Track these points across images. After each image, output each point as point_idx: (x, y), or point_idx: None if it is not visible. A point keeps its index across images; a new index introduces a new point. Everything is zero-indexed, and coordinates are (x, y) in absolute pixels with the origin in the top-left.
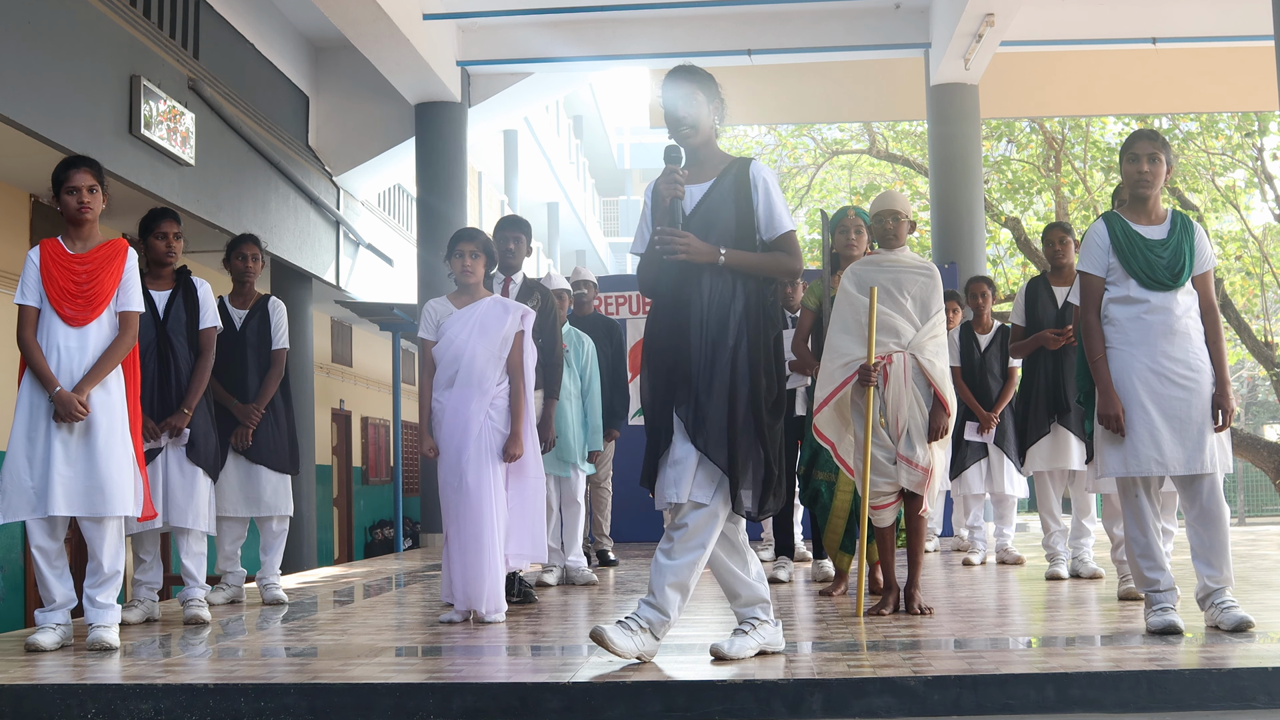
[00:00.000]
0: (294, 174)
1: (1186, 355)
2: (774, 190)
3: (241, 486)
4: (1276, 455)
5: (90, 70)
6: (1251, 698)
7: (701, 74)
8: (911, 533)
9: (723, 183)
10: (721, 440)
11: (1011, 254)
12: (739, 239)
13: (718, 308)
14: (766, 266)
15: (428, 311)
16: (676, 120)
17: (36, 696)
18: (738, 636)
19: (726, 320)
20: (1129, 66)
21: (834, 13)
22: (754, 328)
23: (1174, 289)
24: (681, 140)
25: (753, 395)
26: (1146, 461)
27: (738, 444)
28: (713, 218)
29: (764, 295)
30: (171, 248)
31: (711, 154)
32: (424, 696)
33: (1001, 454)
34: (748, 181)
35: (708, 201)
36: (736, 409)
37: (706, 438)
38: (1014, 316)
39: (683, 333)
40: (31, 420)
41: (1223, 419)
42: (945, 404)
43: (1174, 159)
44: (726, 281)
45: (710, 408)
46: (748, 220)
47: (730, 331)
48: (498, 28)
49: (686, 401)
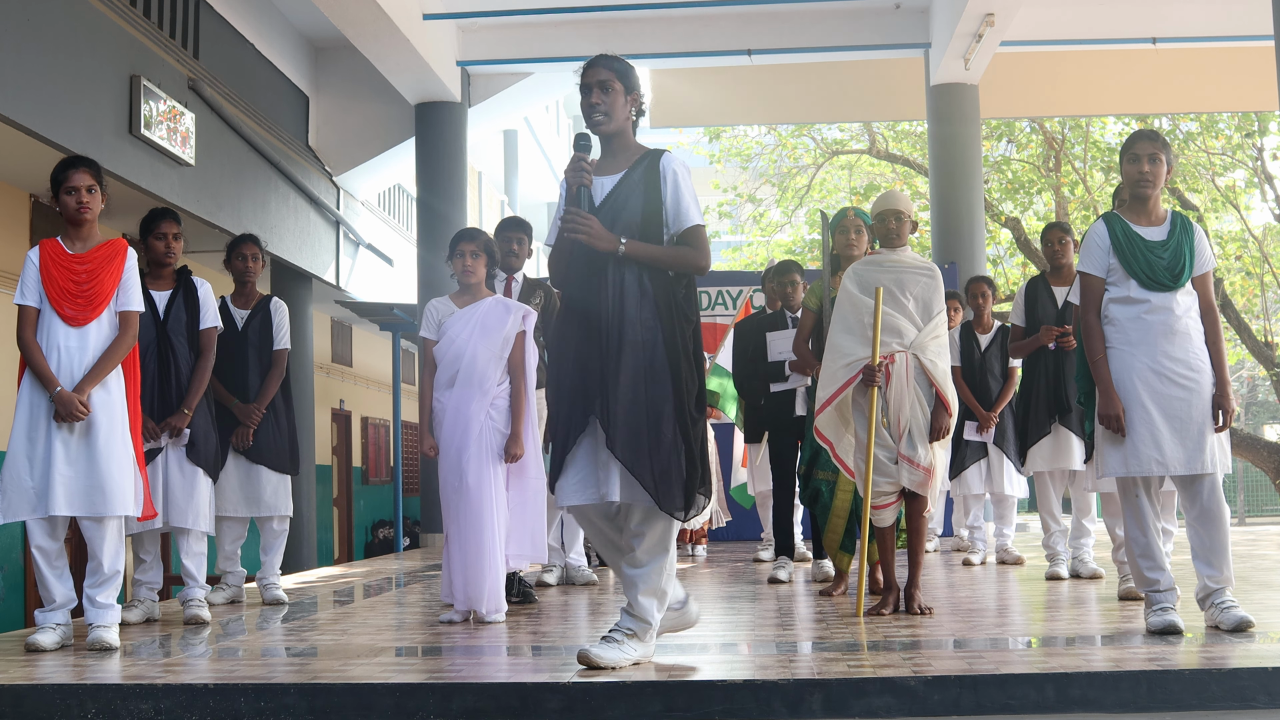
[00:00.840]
0: (294, 174)
1: (1187, 355)
2: (684, 183)
3: (242, 486)
4: (1276, 455)
5: (90, 70)
6: (1251, 698)
7: (621, 63)
8: (912, 533)
9: (633, 174)
10: (638, 442)
11: (1011, 254)
12: (645, 231)
13: (625, 303)
14: (671, 260)
15: (429, 311)
16: (589, 107)
17: (36, 696)
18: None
19: (637, 316)
20: (1129, 66)
21: (834, 13)
22: (667, 323)
23: (1174, 289)
24: (593, 128)
25: (676, 393)
26: (1147, 461)
27: (657, 445)
28: (620, 208)
29: (673, 290)
30: (171, 248)
31: (625, 145)
32: (424, 696)
33: (1001, 454)
34: (657, 173)
35: (617, 192)
36: (654, 409)
37: (619, 439)
38: (1013, 316)
39: (593, 328)
40: (32, 420)
41: (1223, 419)
42: (947, 404)
43: (1174, 159)
44: (633, 275)
45: (625, 408)
46: (655, 213)
47: (642, 327)
48: (498, 28)
49: (599, 398)
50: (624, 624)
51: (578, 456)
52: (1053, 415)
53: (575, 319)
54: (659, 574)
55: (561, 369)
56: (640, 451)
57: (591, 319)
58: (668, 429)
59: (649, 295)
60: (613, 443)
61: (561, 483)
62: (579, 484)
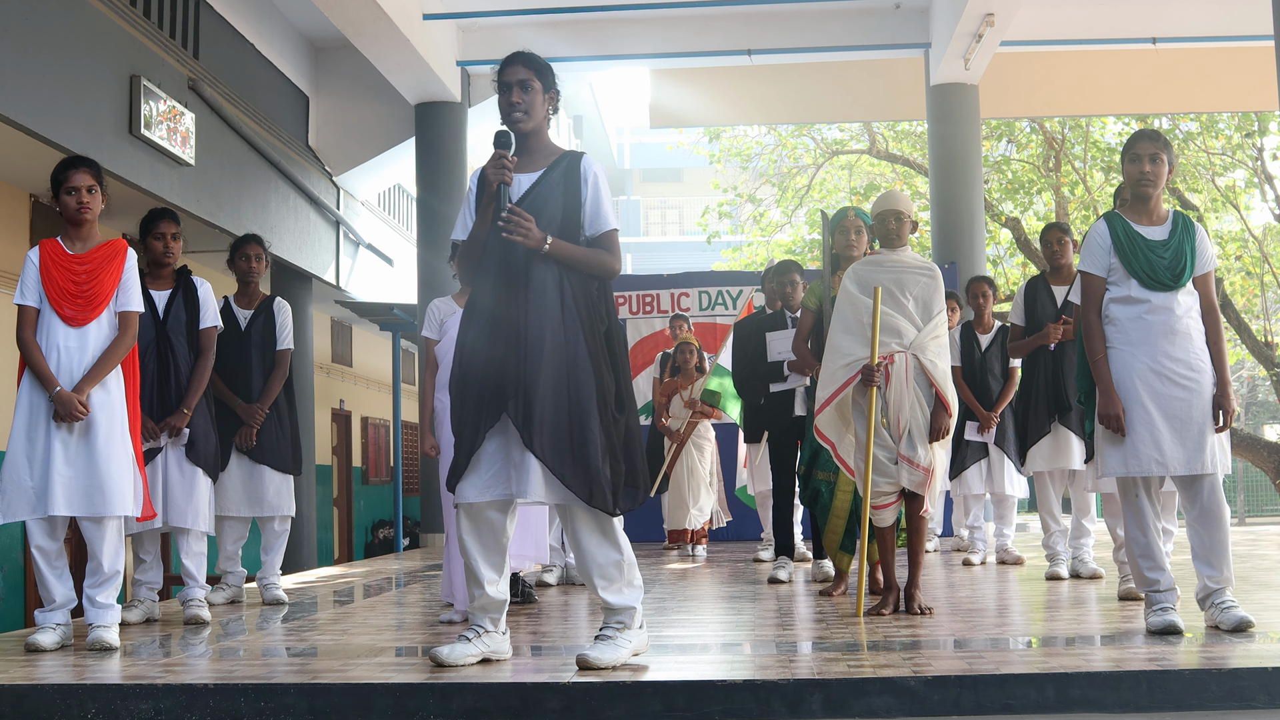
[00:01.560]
0: (294, 174)
1: (1187, 355)
2: (603, 187)
3: (244, 486)
4: (1276, 455)
5: (90, 70)
6: (1251, 698)
7: (539, 61)
8: (912, 533)
9: (552, 174)
10: (565, 440)
11: (1011, 254)
12: (564, 232)
13: (545, 300)
14: (588, 261)
15: (431, 311)
16: (509, 105)
17: (36, 696)
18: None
19: (558, 316)
20: (1129, 66)
21: (834, 13)
22: (587, 324)
23: (1175, 289)
24: (512, 125)
25: (599, 391)
26: (1147, 462)
27: (583, 445)
28: (540, 207)
29: (589, 290)
30: (170, 248)
31: (542, 144)
32: (424, 696)
33: (1002, 454)
34: (578, 175)
35: (536, 191)
36: (578, 409)
37: (542, 439)
38: (1013, 316)
39: (508, 324)
40: (31, 420)
41: (1223, 419)
42: (947, 404)
43: (1175, 159)
44: (552, 273)
45: (546, 407)
46: (574, 214)
47: (562, 327)
48: (498, 28)
49: (514, 397)
50: (610, 620)
51: (487, 454)
52: (1052, 415)
53: (485, 317)
54: (618, 569)
55: (469, 367)
56: (565, 452)
57: (506, 318)
58: (593, 429)
59: (568, 295)
60: (533, 443)
61: (469, 479)
62: (489, 481)
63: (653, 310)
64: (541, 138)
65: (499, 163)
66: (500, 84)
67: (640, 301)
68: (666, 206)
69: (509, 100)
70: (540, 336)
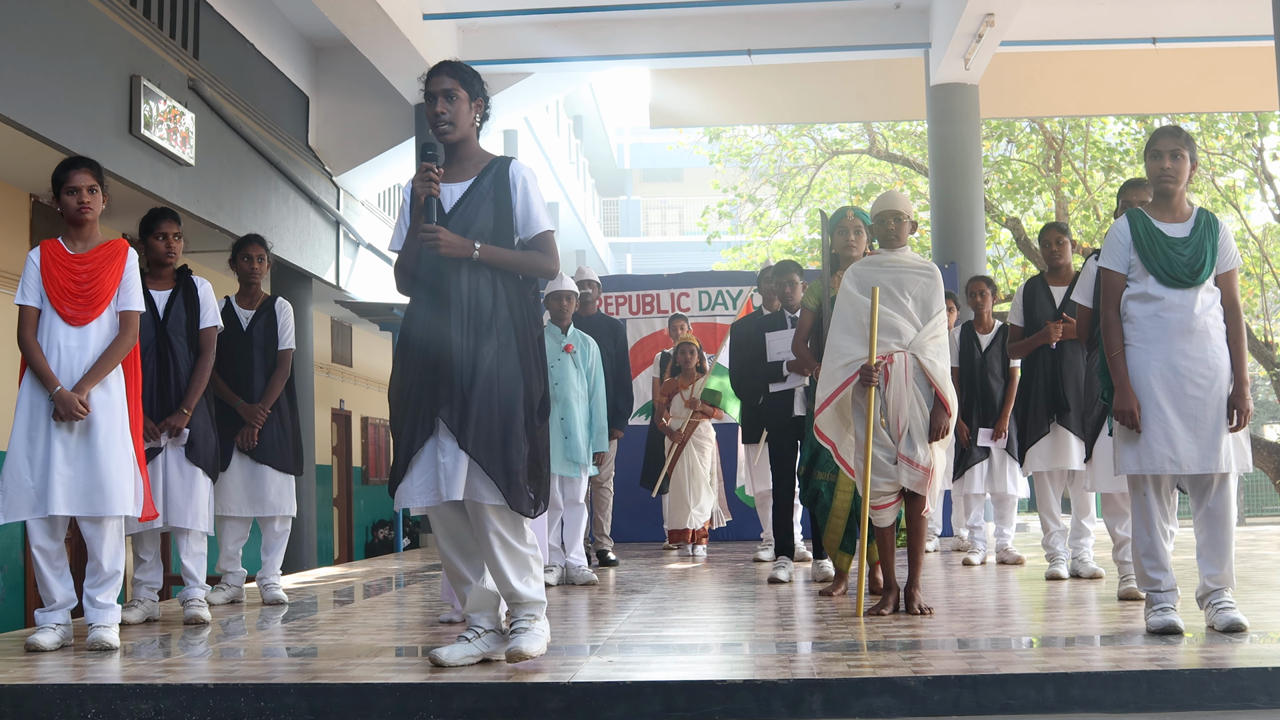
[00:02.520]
0: (294, 174)
1: (1204, 354)
2: (533, 190)
3: (246, 486)
4: (1276, 455)
5: (90, 70)
6: (1251, 698)
7: (465, 70)
8: (912, 533)
9: (482, 182)
10: (494, 442)
11: (1011, 254)
12: (496, 237)
13: (479, 306)
14: (523, 264)
15: None
16: (435, 116)
17: (36, 696)
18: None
19: (491, 320)
20: (1129, 66)
21: (834, 13)
22: (519, 328)
23: (1192, 287)
24: (439, 136)
25: (526, 397)
26: (1160, 459)
27: (511, 444)
28: (471, 216)
29: (525, 295)
30: (171, 248)
31: (472, 152)
32: (424, 696)
33: (1004, 454)
34: (507, 180)
35: (467, 200)
36: (509, 410)
37: (475, 439)
38: (1012, 317)
39: (443, 331)
40: (32, 420)
41: (1238, 419)
42: (946, 404)
43: (1198, 155)
44: (486, 279)
45: (478, 408)
46: (506, 219)
47: (495, 331)
48: (498, 28)
49: (449, 402)
50: (521, 614)
51: (421, 459)
52: (1051, 415)
53: (420, 324)
54: (527, 564)
55: (407, 374)
56: (494, 452)
57: (440, 323)
58: (518, 431)
59: (501, 299)
60: (465, 441)
61: (405, 485)
62: (423, 486)
63: (653, 310)
64: (470, 146)
65: (425, 175)
66: (426, 94)
67: (640, 301)
68: (666, 206)
69: (435, 111)
70: (475, 343)
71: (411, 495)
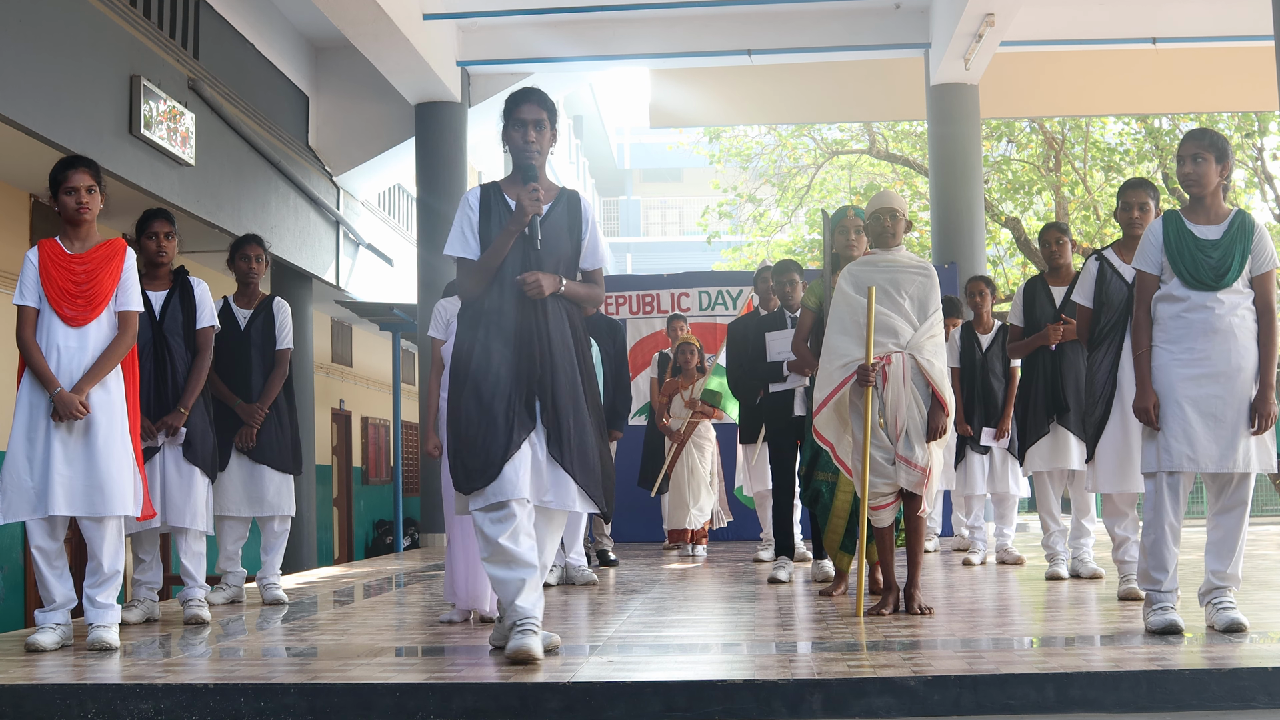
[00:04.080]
0: (294, 174)
1: (1227, 353)
2: (598, 226)
3: (244, 486)
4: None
5: (90, 70)
6: (1251, 698)
7: (551, 103)
8: (911, 533)
9: (557, 209)
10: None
11: (1011, 254)
12: (570, 265)
13: (552, 327)
14: (590, 297)
15: (438, 310)
16: (526, 143)
17: (36, 696)
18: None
19: (561, 340)
20: (1129, 66)
21: (834, 13)
22: (581, 347)
23: (1217, 289)
24: (532, 158)
25: (593, 410)
26: (1178, 457)
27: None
28: (555, 243)
29: (580, 317)
30: (162, 247)
31: (544, 179)
32: (424, 696)
33: (1005, 453)
34: (579, 213)
35: (550, 223)
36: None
37: (569, 451)
38: (1012, 317)
39: (524, 342)
40: (31, 420)
41: (1260, 423)
42: (944, 404)
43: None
44: (559, 302)
45: (573, 424)
46: (576, 250)
47: (573, 351)
48: (498, 28)
49: (544, 407)
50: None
51: (524, 458)
52: (1051, 415)
53: (495, 330)
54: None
55: (486, 372)
56: (589, 467)
57: (520, 334)
58: (594, 440)
59: (568, 321)
60: (562, 456)
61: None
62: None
63: (653, 310)
64: (544, 173)
65: (534, 195)
66: (514, 119)
67: (640, 301)
68: (666, 206)
69: (526, 138)
70: (552, 358)
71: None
